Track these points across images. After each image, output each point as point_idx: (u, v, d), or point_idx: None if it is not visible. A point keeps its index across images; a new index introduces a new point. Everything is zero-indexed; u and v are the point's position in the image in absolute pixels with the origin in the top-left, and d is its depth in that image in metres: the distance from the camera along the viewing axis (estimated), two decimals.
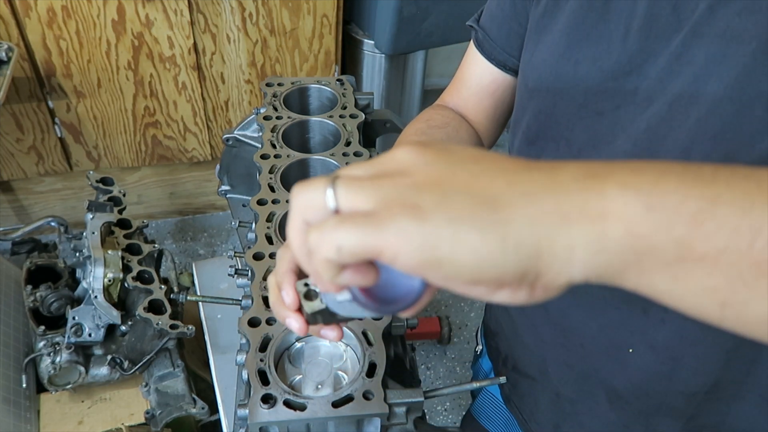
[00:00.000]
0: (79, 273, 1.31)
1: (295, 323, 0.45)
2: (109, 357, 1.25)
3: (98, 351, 1.27)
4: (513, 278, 0.32)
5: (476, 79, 0.82)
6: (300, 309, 0.44)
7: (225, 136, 0.99)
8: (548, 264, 0.32)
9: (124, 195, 1.39)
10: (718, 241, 0.31)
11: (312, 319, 0.44)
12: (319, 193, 0.34)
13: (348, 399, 0.58)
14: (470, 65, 0.82)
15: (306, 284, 0.45)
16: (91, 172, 1.42)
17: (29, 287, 1.31)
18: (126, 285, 1.22)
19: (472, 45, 0.82)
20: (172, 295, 1.23)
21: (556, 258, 0.32)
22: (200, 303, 1.30)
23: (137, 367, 1.27)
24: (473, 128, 0.83)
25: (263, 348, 0.61)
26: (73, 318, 1.21)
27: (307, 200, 0.35)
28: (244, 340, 0.64)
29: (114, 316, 1.20)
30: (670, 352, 0.65)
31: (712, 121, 0.54)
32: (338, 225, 0.32)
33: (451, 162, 0.34)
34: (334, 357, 0.64)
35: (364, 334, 0.63)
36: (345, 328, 0.63)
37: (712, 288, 0.31)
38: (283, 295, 0.45)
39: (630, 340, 0.68)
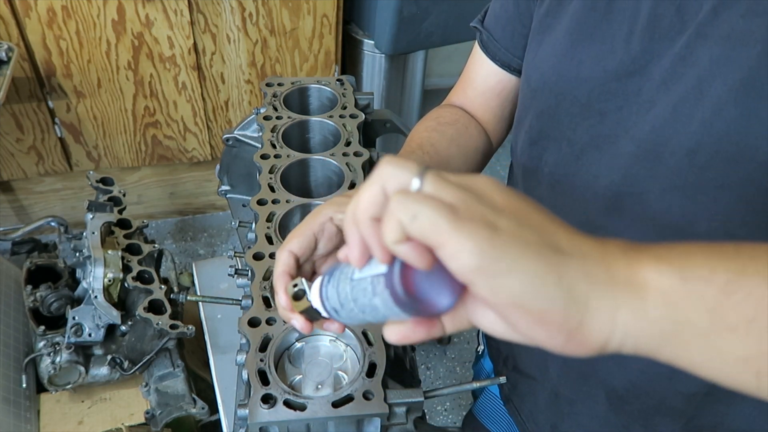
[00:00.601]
0: (79, 273, 1.31)
1: (297, 323, 0.47)
2: (109, 357, 1.25)
3: (98, 351, 1.27)
4: (557, 317, 0.33)
5: (482, 80, 0.82)
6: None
7: (225, 136, 0.99)
8: (592, 317, 0.33)
9: (124, 195, 1.39)
10: (748, 311, 0.32)
11: (306, 316, 0.46)
12: (407, 171, 0.35)
13: (348, 399, 0.58)
14: (475, 66, 0.82)
15: (295, 285, 0.47)
16: (91, 172, 1.42)
17: (29, 287, 1.31)
18: (126, 285, 1.22)
19: (477, 45, 0.82)
20: (172, 295, 1.23)
21: (600, 314, 0.33)
22: (200, 303, 1.30)
23: (137, 367, 1.27)
24: (482, 126, 0.83)
25: (263, 348, 0.61)
26: (73, 318, 1.21)
27: (395, 172, 0.36)
28: (244, 340, 0.64)
29: (114, 316, 1.20)
30: None
31: (716, 123, 0.53)
32: (423, 199, 0.33)
33: (525, 202, 0.36)
34: (334, 357, 0.64)
35: (364, 334, 0.63)
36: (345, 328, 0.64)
37: (746, 358, 0.33)
38: (278, 298, 0.49)
39: None
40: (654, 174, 0.59)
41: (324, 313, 0.45)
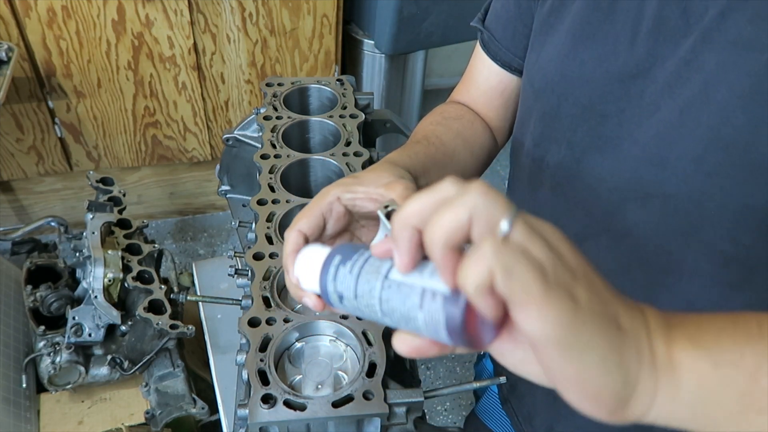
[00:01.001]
0: (79, 273, 1.31)
1: (309, 302, 0.47)
2: (109, 357, 1.25)
3: (98, 351, 1.27)
4: (609, 396, 0.34)
5: (484, 80, 0.82)
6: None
7: (225, 136, 0.99)
8: (637, 398, 0.35)
9: (124, 195, 1.39)
10: None
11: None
12: (500, 209, 0.33)
13: (348, 399, 0.58)
14: (477, 65, 0.82)
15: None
16: (91, 172, 1.42)
17: (29, 287, 1.31)
18: (126, 285, 1.22)
19: (478, 45, 0.81)
20: (172, 295, 1.23)
21: (644, 396, 0.35)
22: (200, 303, 1.30)
23: (137, 367, 1.27)
24: (486, 124, 0.83)
25: (263, 348, 0.61)
26: (73, 318, 1.21)
27: (487, 204, 0.33)
28: (244, 340, 0.64)
29: (114, 316, 1.20)
30: None
31: (724, 129, 0.53)
32: (520, 256, 0.32)
33: (589, 265, 0.36)
34: (334, 357, 0.64)
35: (364, 334, 0.63)
36: (344, 328, 0.64)
37: None
38: (287, 278, 0.48)
39: None
40: (660, 179, 0.59)
41: (317, 291, 0.44)
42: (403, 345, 0.37)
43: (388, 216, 0.46)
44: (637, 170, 0.60)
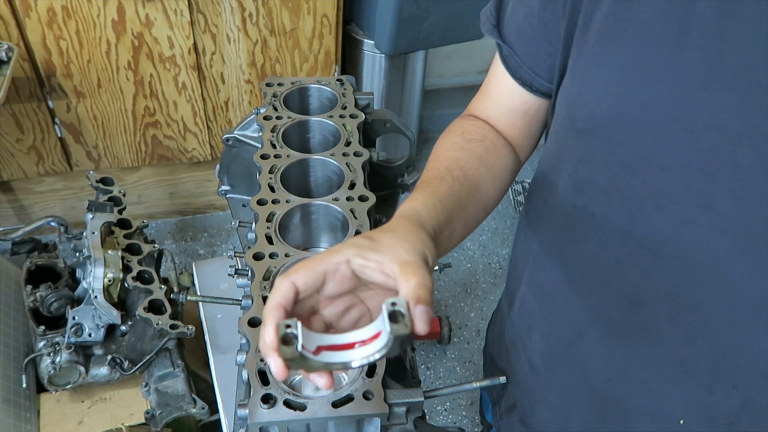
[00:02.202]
0: (79, 273, 1.31)
1: (273, 364, 0.43)
2: (109, 357, 1.25)
3: (98, 351, 1.27)
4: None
5: (506, 100, 0.74)
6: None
7: (225, 136, 0.99)
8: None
9: (124, 195, 1.39)
10: None
11: (289, 363, 0.42)
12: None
13: (348, 399, 0.58)
14: (497, 82, 0.74)
15: (288, 326, 0.43)
16: (91, 172, 1.42)
17: (29, 287, 1.31)
18: (126, 285, 1.22)
19: (497, 58, 0.73)
20: (172, 295, 1.23)
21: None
22: (200, 303, 1.30)
23: (137, 367, 1.27)
24: (509, 143, 0.75)
25: None
26: (73, 318, 1.21)
27: None
28: (244, 340, 0.64)
29: (114, 316, 1.20)
30: (730, 419, 0.61)
31: None
32: None
33: None
34: None
35: None
36: None
37: None
38: (264, 331, 0.44)
39: (685, 413, 0.63)
40: (740, 250, 0.52)
41: (316, 365, 0.43)
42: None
43: (393, 317, 0.43)
44: (710, 239, 0.53)
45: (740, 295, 0.54)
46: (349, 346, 0.45)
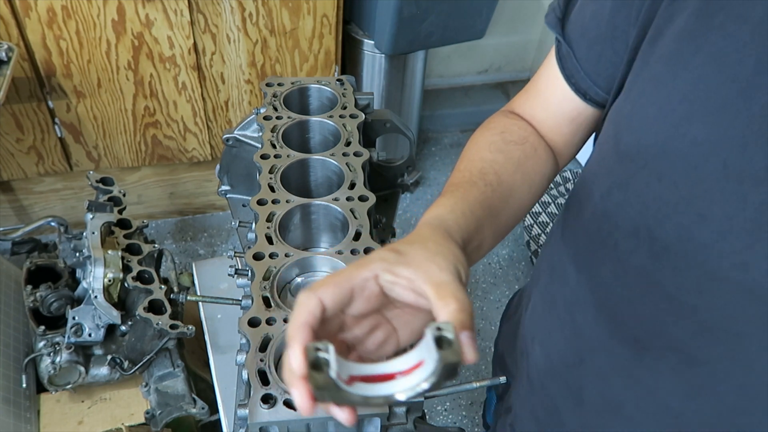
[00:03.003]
0: (79, 273, 1.31)
1: (297, 395, 0.37)
2: (109, 357, 1.25)
3: (98, 351, 1.27)
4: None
5: (556, 103, 0.68)
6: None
7: (225, 136, 0.99)
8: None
9: (124, 195, 1.39)
10: None
11: (319, 394, 0.37)
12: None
13: None
14: (549, 81, 0.68)
15: (317, 348, 0.37)
16: (91, 172, 1.42)
17: (29, 287, 1.31)
18: (126, 285, 1.22)
19: (553, 54, 0.67)
20: (172, 295, 1.23)
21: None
22: (200, 303, 1.30)
23: (137, 367, 1.27)
24: (550, 148, 0.70)
25: (263, 348, 0.61)
26: (73, 318, 1.21)
27: None
28: (244, 340, 0.64)
29: (114, 316, 1.20)
30: None
31: None
32: None
33: None
34: None
35: None
36: None
37: None
38: (290, 355, 0.38)
39: None
40: (766, 320, 0.47)
41: (353, 398, 0.37)
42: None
43: (439, 343, 0.37)
44: (736, 302, 0.49)
45: (755, 363, 0.51)
46: (388, 377, 0.39)
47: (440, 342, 0.37)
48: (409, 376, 0.38)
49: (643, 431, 0.62)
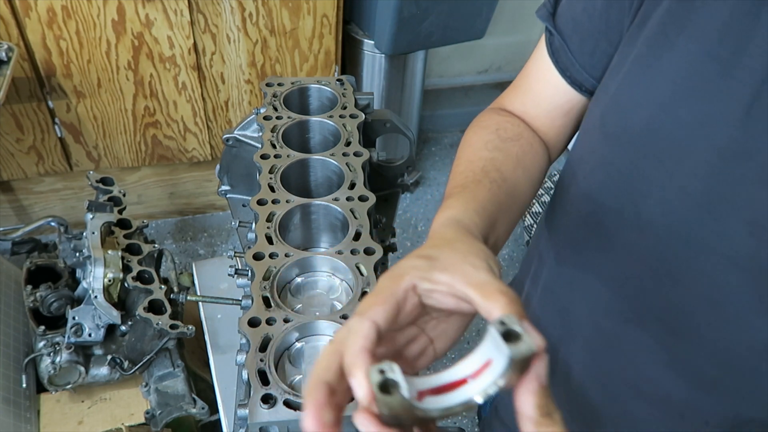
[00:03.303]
0: (79, 273, 1.31)
1: (365, 424, 0.35)
2: (109, 357, 1.25)
3: (98, 351, 1.27)
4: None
5: (548, 97, 0.68)
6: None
7: (225, 136, 0.99)
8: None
9: (124, 195, 1.39)
10: None
11: (393, 419, 0.34)
12: None
13: None
14: (541, 75, 0.68)
15: (381, 371, 0.35)
16: (91, 172, 1.42)
17: (29, 287, 1.31)
18: (126, 285, 1.22)
19: (542, 46, 0.67)
20: (172, 295, 1.23)
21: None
22: (200, 303, 1.30)
23: (137, 367, 1.27)
24: (543, 142, 0.71)
25: (263, 348, 0.61)
26: (73, 318, 1.21)
27: None
28: (244, 340, 0.64)
29: (114, 316, 1.20)
30: None
31: None
32: None
33: None
34: None
35: None
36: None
37: None
38: (354, 384, 0.36)
39: None
40: (748, 284, 0.50)
41: (431, 413, 0.35)
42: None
43: (507, 336, 0.35)
44: (719, 269, 0.51)
45: (732, 332, 0.52)
46: (459, 384, 0.37)
47: (508, 336, 0.36)
48: (480, 377, 0.37)
49: (626, 403, 0.64)
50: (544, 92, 0.68)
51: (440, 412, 0.36)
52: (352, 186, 0.81)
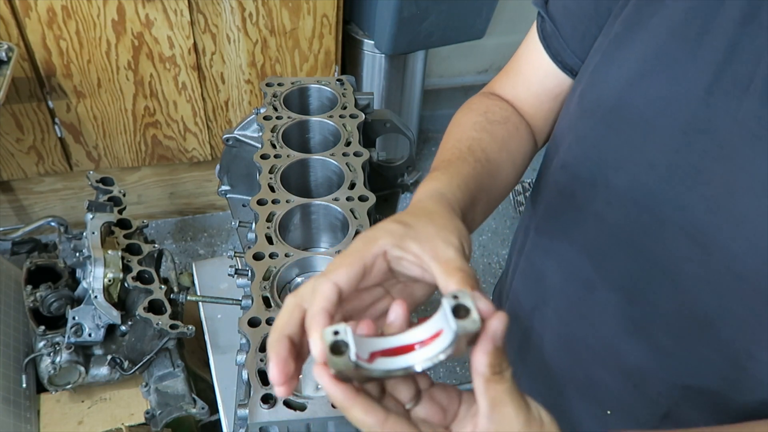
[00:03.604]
0: (79, 273, 1.31)
1: (321, 379, 0.38)
2: (109, 357, 1.25)
3: (98, 351, 1.27)
4: None
5: (538, 81, 0.70)
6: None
7: (225, 136, 0.99)
8: None
9: (124, 195, 1.39)
10: None
11: (341, 376, 0.37)
12: None
13: None
14: (532, 60, 0.69)
15: (335, 332, 0.38)
16: (91, 172, 1.42)
17: (29, 287, 1.31)
18: (126, 285, 1.22)
19: (534, 32, 0.68)
20: (172, 295, 1.23)
21: None
22: (200, 303, 1.30)
23: (137, 367, 1.27)
24: (530, 126, 0.73)
25: (263, 348, 0.61)
26: (73, 318, 1.21)
27: None
28: (244, 340, 0.64)
29: (114, 316, 1.20)
30: (653, 424, 0.64)
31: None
32: None
33: None
34: None
35: None
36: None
37: None
38: (311, 342, 0.38)
39: (612, 405, 0.68)
40: (701, 257, 0.52)
41: (374, 373, 0.38)
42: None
43: (456, 312, 0.37)
44: (675, 241, 0.54)
45: (686, 303, 0.55)
46: (408, 349, 0.40)
47: (458, 311, 0.38)
48: (428, 346, 0.39)
49: (589, 370, 0.68)
50: (534, 76, 0.70)
51: (382, 374, 0.38)
52: (352, 186, 0.81)
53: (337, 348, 0.37)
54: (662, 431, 0.63)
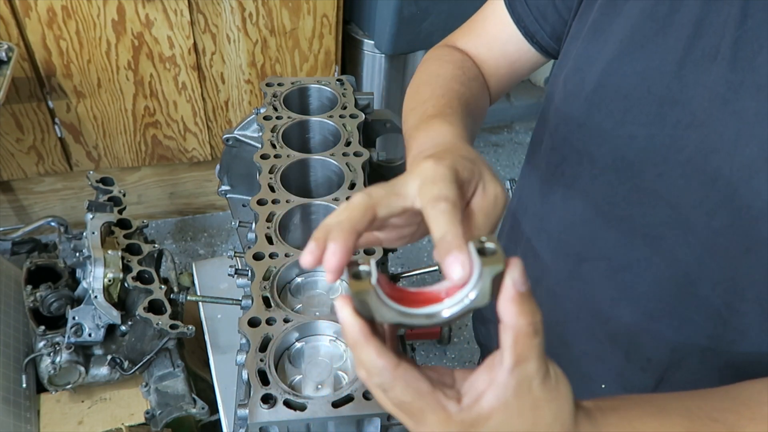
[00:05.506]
0: (79, 273, 1.31)
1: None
2: (109, 357, 1.25)
3: (98, 351, 1.27)
4: None
5: (501, 44, 0.72)
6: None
7: (225, 136, 0.99)
8: None
9: (124, 195, 1.39)
10: None
11: (360, 304, 0.36)
12: None
13: (348, 399, 0.58)
14: (495, 21, 0.71)
15: (357, 263, 0.37)
16: (91, 172, 1.42)
17: (29, 287, 1.31)
18: (126, 285, 1.22)
19: None
20: (172, 295, 1.23)
21: None
22: (200, 303, 1.30)
23: (137, 367, 1.27)
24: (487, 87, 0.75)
25: (263, 348, 0.61)
26: (73, 318, 1.21)
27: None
28: (244, 340, 0.64)
29: (114, 316, 1.20)
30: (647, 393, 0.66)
31: (743, 196, 0.50)
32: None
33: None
34: (334, 357, 0.64)
35: None
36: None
37: None
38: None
39: (606, 379, 0.70)
40: (677, 223, 0.56)
41: (394, 315, 0.37)
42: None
43: (482, 252, 0.37)
44: (654, 209, 0.58)
45: (667, 267, 0.59)
46: (435, 299, 0.38)
47: (482, 252, 0.37)
48: (453, 296, 0.38)
49: (582, 345, 0.70)
50: (496, 39, 0.72)
51: (401, 316, 0.37)
52: (352, 186, 0.81)
53: (359, 274, 0.37)
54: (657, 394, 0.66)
